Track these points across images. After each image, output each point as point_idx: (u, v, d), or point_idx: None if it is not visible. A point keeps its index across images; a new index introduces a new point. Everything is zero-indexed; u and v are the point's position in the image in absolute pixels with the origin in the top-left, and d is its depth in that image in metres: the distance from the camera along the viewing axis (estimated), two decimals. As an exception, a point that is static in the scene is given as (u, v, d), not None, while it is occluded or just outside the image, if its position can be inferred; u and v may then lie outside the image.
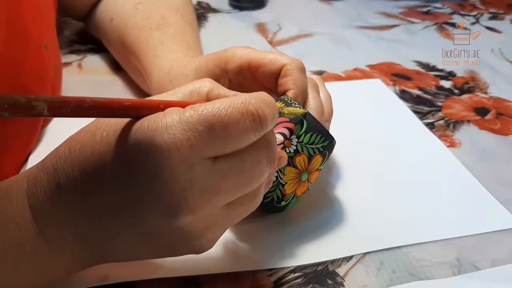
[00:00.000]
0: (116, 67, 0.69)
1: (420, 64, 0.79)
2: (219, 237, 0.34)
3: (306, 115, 0.40)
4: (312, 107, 0.42)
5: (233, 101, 0.29)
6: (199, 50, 0.57)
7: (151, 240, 0.31)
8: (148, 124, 0.28)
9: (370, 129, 0.60)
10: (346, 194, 0.48)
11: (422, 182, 0.51)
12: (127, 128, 0.29)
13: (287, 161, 0.39)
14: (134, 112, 0.28)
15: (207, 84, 0.33)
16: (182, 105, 0.30)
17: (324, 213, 0.45)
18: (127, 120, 0.29)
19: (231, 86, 0.46)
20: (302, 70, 0.44)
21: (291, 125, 0.40)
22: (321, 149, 0.40)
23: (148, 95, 0.58)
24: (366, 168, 0.52)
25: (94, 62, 0.72)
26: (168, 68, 0.51)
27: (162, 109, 0.29)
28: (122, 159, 0.29)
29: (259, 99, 0.30)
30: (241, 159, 0.30)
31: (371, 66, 0.77)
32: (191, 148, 0.28)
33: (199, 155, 0.28)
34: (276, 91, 0.44)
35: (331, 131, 0.43)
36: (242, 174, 0.30)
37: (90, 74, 0.68)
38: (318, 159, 0.41)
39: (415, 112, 0.65)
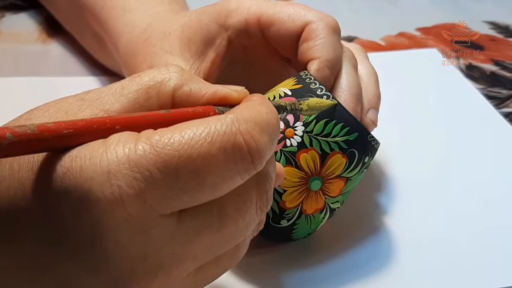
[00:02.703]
0: (51, 31, 0.68)
1: (496, 26, 0.77)
2: None
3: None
4: (343, 88, 0.42)
5: (212, 129, 0.27)
6: (187, 8, 0.57)
7: None
8: (82, 166, 0.26)
9: (426, 123, 0.59)
10: (394, 221, 0.47)
11: (499, 204, 0.50)
12: (49, 165, 0.27)
13: (288, 158, 0.39)
14: (76, 142, 0.27)
15: (173, 77, 0.32)
16: (134, 123, 0.28)
17: (360, 249, 0.45)
18: None
19: (230, 51, 0.46)
20: (335, 31, 0.43)
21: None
22: (344, 145, 0.39)
23: (109, 71, 0.59)
24: (422, 181, 0.52)
25: (18, 24, 0.70)
26: (145, 25, 0.51)
27: (110, 130, 0.28)
28: (43, 213, 0.27)
29: (252, 122, 0.28)
30: (219, 211, 0.29)
31: (424, 30, 0.76)
32: (144, 204, 0.26)
33: (156, 213, 0.27)
34: (295, 61, 0.44)
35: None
36: (219, 231, 0.29)
37: (12, 42, 0.67)
38: (338, 160, 0.39)
39: (489, 97, 0.63)
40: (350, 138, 0.39)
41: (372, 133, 0.41)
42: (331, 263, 0.43)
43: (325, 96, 0.39)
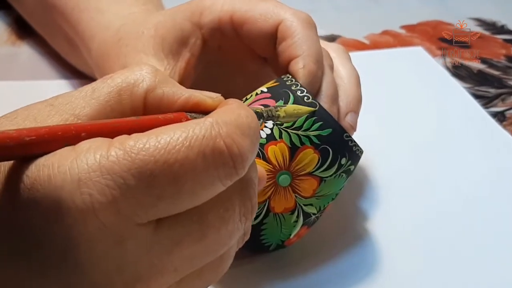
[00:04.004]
0: (21, 33, 0.68)
1: (483, 23, 0.78)
2: None
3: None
4: (321, 88, 0.42)
5: (190, 133, 0.27)
6: (163, 8, 0.57)
7: None
8: (50, 175, 0.26)
9: (411, 125, 0.59)
10: (379, 228, 0.47)
11: (488, 208, 0.49)
12: (16, 175, 0.27)
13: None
14: (41, 149, 0.27)
15: (146, 78, 0.31)
16: (101, 129, 0.28)
17: (344, 259, 0.44)
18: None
19: (206, 51, 0.46)
20: (310, 25, 0.42)
21: (270, 102, 0.39)
22: (316, 140, 0.39)
23: (82, 74, 0.59)
24: (408, 185, 0.51)
25: (-16, 25, 0.70)
26: (118, 26, 0.51)
27: (76, 137, 0.27)
28: (12, 226, 0.27)
29: (232, 125, 0.28)
30: (199, 220, 0.28)
31: (409, 28, 0.76)
32: (118, 213, 0.26)
33: (131, 222, 0.26)
34: (272, 61, 0.44)
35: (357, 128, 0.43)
36: (200, 241, 0.28)
37: (-21, 44, 0.67)
38: (309, 155, 0.39)
39: (477, 96, 0.63)
40: (323, 133, 0.39)
41: (356, 135, 0.41)
42: (314, 273, 0.43)
43: (305, 97, 0.39)
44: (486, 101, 0.63)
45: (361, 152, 0.41)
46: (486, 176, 0.52)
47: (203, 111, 0.30)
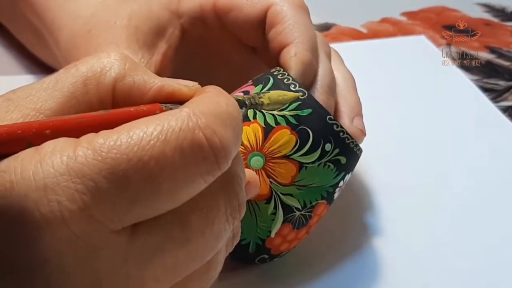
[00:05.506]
0: None
1: (491, 9, 0.78)
2: None
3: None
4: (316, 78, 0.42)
5: (165, 126, 0.27)
6: None
7: None
8: (12, 181, 0.25)
9: (414, 121, 0.59)
10: (380, 238, 0.47)
11: (499, 214, 0.49)
12: None
13: None
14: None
15: (114, 65, 0.31)
16: (66, 126, 0.27)
17: (342, 270, 0.44)
18: None
19: (185, 42, 0.46)
20: (302, 9, 0.42)
21: (250, 88, 0.39)
22: (293, 120, 0.38)
23: (50, 68, 0.58)
24: (411, 187, 0.51)
25: None
26: (88, 14, 0.51)
27: (39, 136, 0.26)
28: None
29: (211, 115, 0.27)
30: (181, 223, 0.28)
31: (410, 14, 0.76)
32: (90, 220, 0.25)
33: (105, 229, 0.26)
34: (261, 50, 0.44)
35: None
36: (183, 246, 0.28)
37: None
38: (285, 135, 0.39)
39: (485, 89, 0.63)
40: (301, 113, 0.38)
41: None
42: (311, 285, 0.42)
43: (285, 79, 0.39)
44: (495, 94, 0.62)
45: (360, 149, 0.41)
46: (496, 177, 0.52)
47: (179, 101, 0.30)
